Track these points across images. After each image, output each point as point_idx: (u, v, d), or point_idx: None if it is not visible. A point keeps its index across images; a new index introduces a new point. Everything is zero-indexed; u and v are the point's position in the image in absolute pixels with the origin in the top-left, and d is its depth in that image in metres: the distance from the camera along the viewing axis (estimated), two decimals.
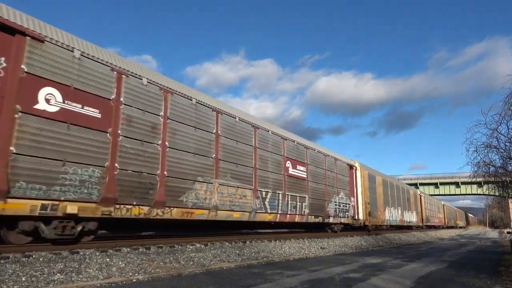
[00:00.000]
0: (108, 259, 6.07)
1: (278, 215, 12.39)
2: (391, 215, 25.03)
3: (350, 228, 19.97)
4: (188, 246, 8.39)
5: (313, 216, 14.75)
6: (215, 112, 10.17)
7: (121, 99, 7.63)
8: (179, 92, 9.14)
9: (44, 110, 6.26)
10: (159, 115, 8.45)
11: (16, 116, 5.91)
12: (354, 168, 19.99)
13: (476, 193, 76.80)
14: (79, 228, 6.95)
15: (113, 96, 7.48)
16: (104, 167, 7.03)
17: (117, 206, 7.23)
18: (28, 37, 6.21)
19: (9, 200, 5.70)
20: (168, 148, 8.48)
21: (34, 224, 6.34)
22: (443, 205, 50.16)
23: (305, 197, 14.26)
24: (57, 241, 6.76)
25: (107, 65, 7.45)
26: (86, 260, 5.88)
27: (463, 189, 77.83)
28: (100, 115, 7.13)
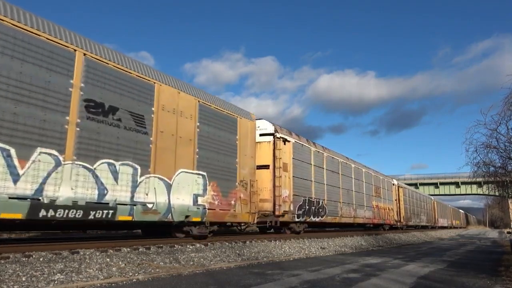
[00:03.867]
0: (108, 259, 6.07)
1: None
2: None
3: None
4: (188, 246, 8.38)
5: None
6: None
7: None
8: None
9: None
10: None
11: None
12: None
13: (476, 193, 76.82)
14: None
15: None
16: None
17: None
18: None
19: None
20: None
21: None
22: (400, 187, 28.71)
23: None
24: None
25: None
26: (86, 260, 5.88)
27: (463, 189, 77.84)
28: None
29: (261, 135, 12.87)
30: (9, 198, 5.63)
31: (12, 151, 5.75)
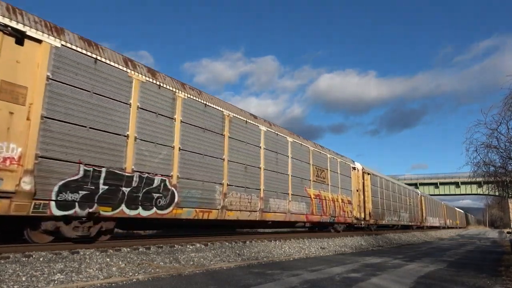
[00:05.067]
0: (108, 259, 6.07)
1: None
2: None
3: None
4: (188, 246, 8.39)
5: None
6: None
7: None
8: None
9: None
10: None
11: None
12: None
13: (476, 193, 76.91)
14: None
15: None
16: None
17: None
18: None
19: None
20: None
21: None
22: (366, 173, 21.00)
23: None
24: None
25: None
26: (86, 260, 5.88)
27: (463, 189, 77.92)
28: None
29: None
30: None
31: None
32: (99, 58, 7.36)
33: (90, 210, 6.88)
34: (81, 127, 6.90)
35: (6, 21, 6.01)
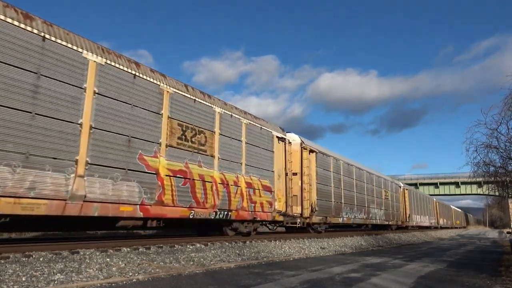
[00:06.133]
0: (108, 259, 6.07)
1: None
2: None
3: None
4: (188, 246, 8.39)
5: None
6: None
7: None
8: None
9: None
10: None
11: None
12: None
13: (476, 193, 77.02)
14: None
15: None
16: None
17: None
18: None
19: None
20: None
21: None
22: (306, 149, 14.33)
23: None
24: None
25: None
26: (86, 260, 5.88)
27: (463, 189, 77.98)
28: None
29: None
30: None
31: None
32: None
33: None
34: None
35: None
